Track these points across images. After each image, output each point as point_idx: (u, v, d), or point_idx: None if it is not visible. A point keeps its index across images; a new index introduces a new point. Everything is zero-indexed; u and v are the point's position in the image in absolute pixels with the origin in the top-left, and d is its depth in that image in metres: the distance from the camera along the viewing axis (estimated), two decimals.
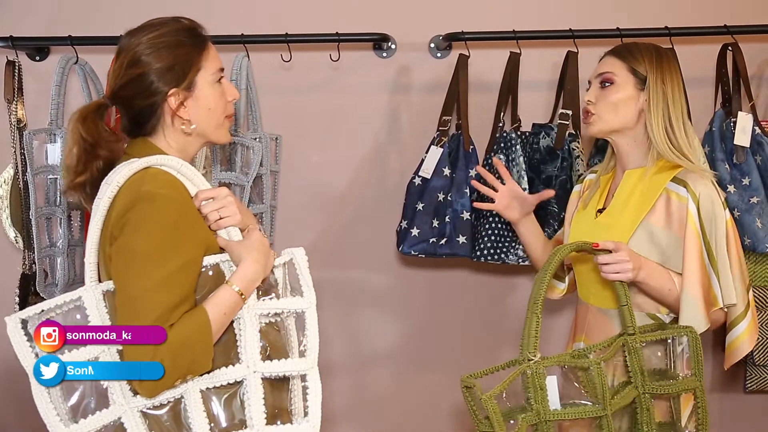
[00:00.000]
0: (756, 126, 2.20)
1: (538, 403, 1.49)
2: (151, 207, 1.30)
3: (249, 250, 1.39)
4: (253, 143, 2.20)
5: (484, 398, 1.48)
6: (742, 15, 2.36)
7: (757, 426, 2.64)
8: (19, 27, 2.37)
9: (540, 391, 1.49)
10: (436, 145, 2.31)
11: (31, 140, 2.16)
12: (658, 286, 1.67)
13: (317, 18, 2.46)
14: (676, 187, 1.69)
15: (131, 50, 1.41)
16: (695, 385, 1.60)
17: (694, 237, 1.65)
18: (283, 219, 2.50)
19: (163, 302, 1.27)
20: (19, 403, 2.52)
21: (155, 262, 1.28)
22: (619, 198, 1.76)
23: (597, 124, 1.77)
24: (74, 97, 2.35)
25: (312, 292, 1.43)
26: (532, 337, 1.52)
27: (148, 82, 1.40)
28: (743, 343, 1.72)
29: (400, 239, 2.31)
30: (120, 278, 1.30)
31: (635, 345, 1.56)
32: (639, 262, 1.63)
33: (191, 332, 1.29)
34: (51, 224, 2.26)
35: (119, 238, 1.30)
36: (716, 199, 1.67)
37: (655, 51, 1.76)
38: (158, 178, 1.35)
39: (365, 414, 2.64)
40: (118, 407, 1.32)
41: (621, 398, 1.55)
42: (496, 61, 2.34)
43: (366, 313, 2.62)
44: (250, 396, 1.35)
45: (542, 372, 1.49)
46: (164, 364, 1.25)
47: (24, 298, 2.33)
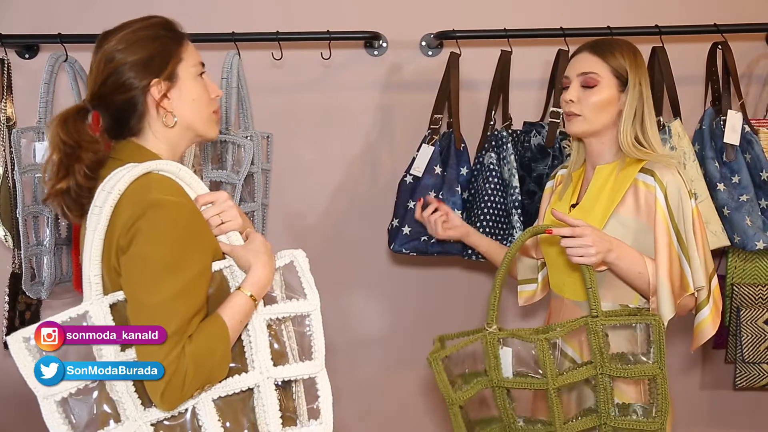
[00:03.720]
0: (745, 124, 2.21)
1: (492, 370, 1.62)
2: (162, 215, 1.26)
3: (257, 254, 1.37)
4: (244, 141, 2.20)
5: (429, 358, 1.61)
6: (731, 13, 2.37)
7: (747, 423, 2.65)
8: (8, 24, 2.36)
9: (494, 359, 1.61)
10: (427, 144, 2.31)
11: (19, 138, 2.15)
12: (628, 268, 1.66)
13: (308, 16, 2.46)
14: (643, 176, 1.71)
15: (106, 49, 1.39)
16: (655, 372, 1.60)
17: (663, 225, 1.67)
18: (275, 217, 2.49)
19: (181, 312, 1.25)
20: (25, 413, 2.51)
21: (171, 271, 1.25)
22: (591, 193, 1.78)
23: (581, 125, 1.76)
24: (63, 95, 2.34)
25: (315, 294, 1.42)
26: (490, 309, 1.63)
27: (125, 76, 1.37)
28: (707, 327, 1.73)
29: (392, 237, 2.31)
30: (135, 289, 1.26)
31: (596, 327, 1.59)
32: (609, 243, 1.63)
33: (211, 341, 1.27)
34: (38, 223, 2.25)
35: (130, 248, 1.26)
36: (683, 187, 1.68)
37: (631, 50, 1.76)
38: (164, 184, 1.32)
39: (357, 410, 2.64)
40: (132, 422, 1.29)
41: (572, 375, 1.60)
42: (488, 60, 2.35)
43: (357, 311, 2.62)
44: (265, 402, 1.34)
45: (496, 342, 1.61)
46: (187, 375, 1.24)
47: (14, 297, 2.32)
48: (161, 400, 1.25)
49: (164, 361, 1.22)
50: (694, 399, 2.62)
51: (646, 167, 1.71)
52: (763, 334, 2.27)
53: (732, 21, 2.28)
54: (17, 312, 2.34)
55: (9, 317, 2.32)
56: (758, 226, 2.16)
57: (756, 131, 2.24)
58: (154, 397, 1.26)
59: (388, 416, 2.66)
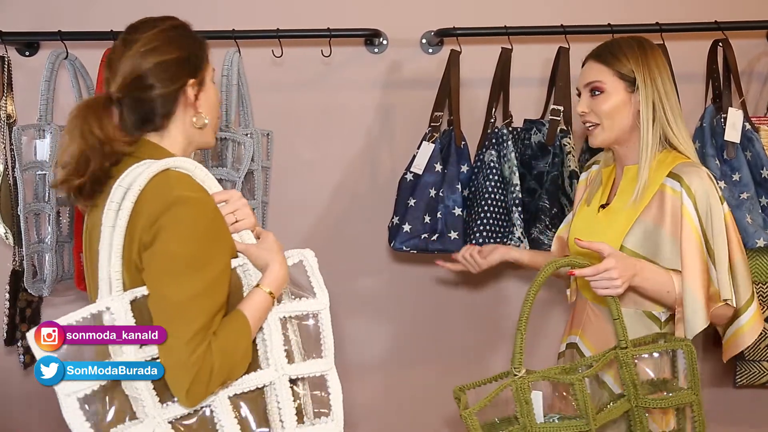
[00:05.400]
0: (746, 122, 2.21)
1: (524, 417, 1.51)
2: (186, 211, 1.26)
3: (272, 253, 1.38)
4: (244, 139, 2.20)
5: (464, 414, 1.51)
6: (732, 11, 2.37)
7: (747, 420, 2.65)
8: (9, 22, 2.35)
9: (525, 405, 1.51)
10: (427, 141, 2.31)
11: (20, 136, 2.15)
12: (655, 289, 1.63)
13: (308, 13, 2.45)
14: (671, 182, 1.66)
15: (146, 40, 1.36)
16: (691, 399, 1.56)
17: (692, 232, 1.62)
18: (275, 215, 2.49)
19: (207, 308, 1.25)
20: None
21: (197, 267, 1.25)
22: (620, 194, 1.75)
23: (600, 136, 1.73)
24: (64, 92, 2.34)
25: (325, 293, 1.43)
26: (517, 353, 1.53)
27: (171, 70, 1.36)
28: (745, 335, 1.69)
29: (392, 235, 2.31)
30: (160, 285, 1.25)
31: (627, 359, 1.55)
32: (632, 269, 1.59)
33: (235, 337, 1.28)
34: (39, 220, 2.25)
35: (154, 244, 1.25)
36: (712, 192, 1.64)
37: (638, 46, 1.72)
38: (185, 181, 1.31)
39: (356, 412, 2.64)
40: (151, 419, 1.28)
41: (609, 412, 1.55)
42: (488, 57, 2.34)
43: (357, 309, 2.61)
44: (281, 398, 1.35)
45: (527, 387, 1.51)
46: (213, 371, 1.24)
47: (14, 295, 2.33)
48: (187, 396, 1.24)
49: (191, 358, 1.22)
50: None
51: (673, 171, 1.66)
52: (763, 332, 2.27)
53: (733, 18, 2.28)
54: (18, 309, 2.35)
55: (9, 314, 2.33)
56: (759, 224, 2.16)
57: (757, 129, 2.23)
58: (179, 393, 1.25)
59: (390, 411, 2.67)
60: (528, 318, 1.52)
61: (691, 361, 1.57)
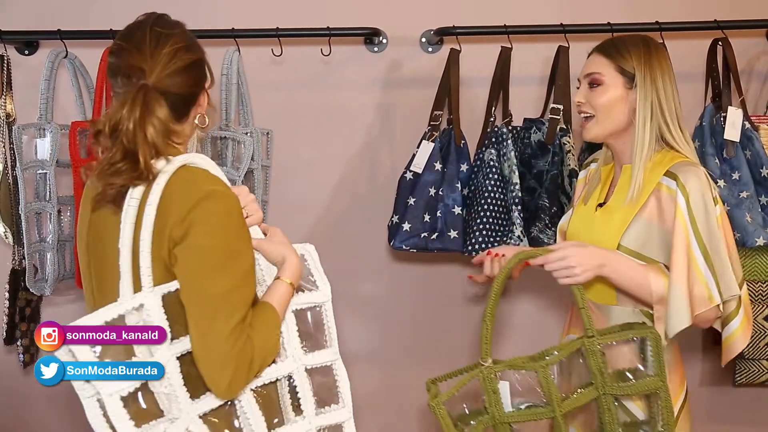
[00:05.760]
0: (746, 121, 2.21)
1: (492, 407, 1.55)
2: (217, 205, 1.27)
3: (286, 246, 1.42)
4: (244, 138, 2.20)
5: (432, 404, 1.55)
6: (732, 10, 2.36)
7: (747, 419, 2.66)
8: (8, 21, 2.36)
9: (493, 394, 1.55)
10: (427, 140, 2.31)
11: (20, 135, 2.15)
12: (626, 282, 1.64)
13: (308, 12, 2.45)
14: (667, 180, 1.65)
15: (180, 37, 1.35)
16: (657, 386, 1.56)
17: (682, 231, 1.62)
18: (275, 214, 2.49)
19: (244, 300, 1.28)
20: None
21: (232, 260, 1.27)
22: (617, 193, 1.75)
23: (594, 129, 1.73)
24: (63, 91, 2.34)
25: (328, 286, 1.47)
26: (483, 343, 1.57)
27: (202, 70, 1.38)
28: (737, 340, 1.69)
29: (392, 234, 2.31)
30: (197, 279, 1.25)
31: (593, 348, 1.55)
32: (598, 259, 1.60)
33: (269, 328, 1.32)
34: (40, 219, 2.25)
35: (187, 238, 1.25)
36: (707, 193, 1.63)
37: (643, 44, 1.72)
38: (209, 175, 1.31)
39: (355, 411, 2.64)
40: (186, 415, 1.28)
41: (576, 398, 1.56)
42: (488, 56, 2.34)
43: (357, 307, 2.62)
44: (300, 388, 1.39)
45: (493, 377, 1.55)
46: (252, 362, 1.27)
47: (14, 294, 2.33)
48: (228, 388, 1.26)
49: (233, 350, 1.23)
50: (694, 395, 2.60)
51: (670, 170, 1.65)
52: (762, 331, 2.27)
53: (732, 17, 2.28)
54: (17, 308, 2.35)
55: (9, 313, 2.33)
56: (758, 223, 2.16)
57: (756, 128, 2.23)
58: (220, 386, 1.25)
59: (390, 411, 2.67)
60: (494, 309, 1.58)
61: (656, 348, 1.56)
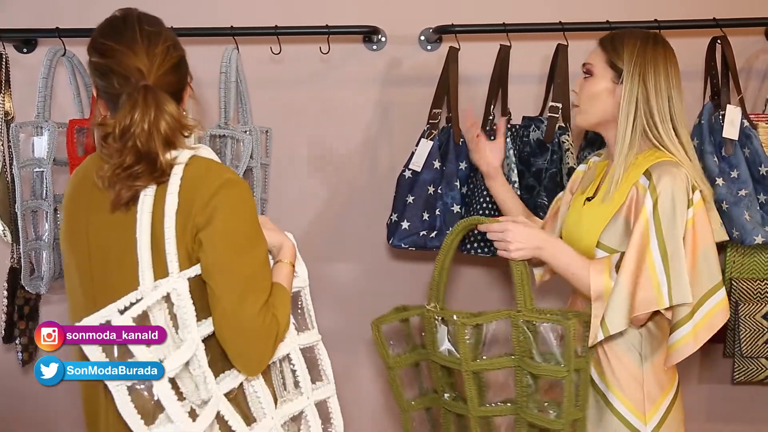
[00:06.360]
0: (744, 119, 2.21)
1: (429, 345, 1.76)
2: (236, 191, 1.35)
3: (278, 232, 1.52)
4: (243, 136, 2.20)
5: (373, 323, 1.80)
6: (731, 8, 2.36)
7: (745, 417, 2.66)
8: (6, 19, 2.35)
9: (429, 334, 1.75)
10: (426, 138, 2.31)
11: (17, 133, 2.15)
12: (560, 268, 1.70)
13: (307, 11, 2.45)
14: (643, 179, 1.64)
15: (167, 34, 1.39)
16: (562, 375, 1.57)
17: (641, 231, 1.59)
18: (274, 212, 2.49)
19: (269, 279, 1.39)
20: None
21: (256, 241, 1.36)
22: (603, 188, 1.75)
23: (578, 117, 1.79)
24: (62, 90, 2.33)
25: (304, 269, 1.55)
26: (431, 289, 1.81)
27: (187, 65, 1.43)
28: (683, 347, 1.62)
29: (391, 232, 2.31)
30: (227, 261, 1.31)
31: (517, 322, 1.62)
32: (539, 242, 1.68)
33: (283, 306, 1.40)
34: (37, 218, 2.25)
35: (212, 223, 1.30)
36: (680, 194, 1.59)
37: (641, 40, 1.71)
38: (219, 164, 1.39)
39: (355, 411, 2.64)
40: (215, 398, 1.33)
41: (490, 362, 1.65)
42: (487, 54, 2.34)
43: (356, 306, 2.61)
44: (298, 367, 1.48)
45: (432, 320, 1.74)
46: (278, 337, 1.36)
47: (13, 292, 2.33)
48: (259, 363, 1.36)
49: (263, 326, 1.32)
50: (692, 393, 2.62)
51: (648, 169, 1.63)
52: (761, 329, 2.27)
53: (731, 15, 2.28)
54: (16, 306, 2.35)
55: (8, 312, 2.33)
56: (757, 221, 2.16)
57: (755, 126, 2.23)
58: (251, 362, 1.35)
59: (389, 410, 2.67)
60: (444, 261, 1.80)
61: (569, 339, 1.57)
